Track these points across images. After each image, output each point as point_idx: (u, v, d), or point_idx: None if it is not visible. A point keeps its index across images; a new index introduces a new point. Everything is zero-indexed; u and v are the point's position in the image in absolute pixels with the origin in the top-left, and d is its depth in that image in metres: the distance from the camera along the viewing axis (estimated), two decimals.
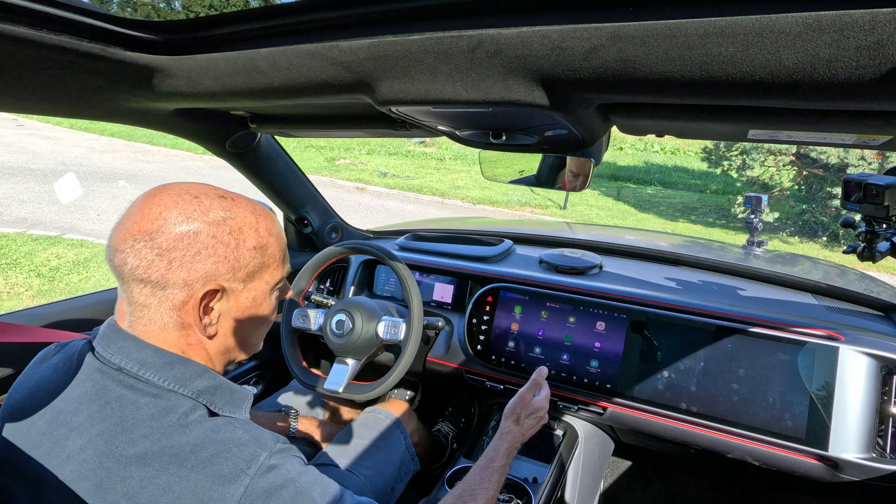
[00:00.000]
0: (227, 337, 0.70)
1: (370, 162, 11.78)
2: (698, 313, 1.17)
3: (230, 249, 0.64)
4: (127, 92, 0.82)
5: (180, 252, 0.61)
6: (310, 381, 1.28)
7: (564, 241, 1.76)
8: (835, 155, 7.43)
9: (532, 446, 1.30)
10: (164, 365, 0.64)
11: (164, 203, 0.63)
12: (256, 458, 0.60)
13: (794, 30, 0.39)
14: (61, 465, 0.59)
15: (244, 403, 0.70)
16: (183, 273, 0.62)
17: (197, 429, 0.61)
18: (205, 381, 0.66)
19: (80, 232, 5.49)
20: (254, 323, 0.72)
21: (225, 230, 0.64)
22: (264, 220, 0.70)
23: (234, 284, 0.66)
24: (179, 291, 0.62)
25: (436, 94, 0.62)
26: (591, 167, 1.02)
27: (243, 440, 0.62)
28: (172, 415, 0.61)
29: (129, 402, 0.61)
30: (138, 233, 0.61)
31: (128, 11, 23.22)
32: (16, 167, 8.23)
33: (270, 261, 0.70)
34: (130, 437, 0.58)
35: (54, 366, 0.69)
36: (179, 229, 0.61)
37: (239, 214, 0.66)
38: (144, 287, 0.62)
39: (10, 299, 3.97)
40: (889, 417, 1.02)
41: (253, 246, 0.67)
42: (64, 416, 0.62)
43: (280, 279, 0.73)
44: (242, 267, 0.66)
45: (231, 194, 0.69)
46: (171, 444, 0.58)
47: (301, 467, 0.65)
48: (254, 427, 0.65)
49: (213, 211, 0.64)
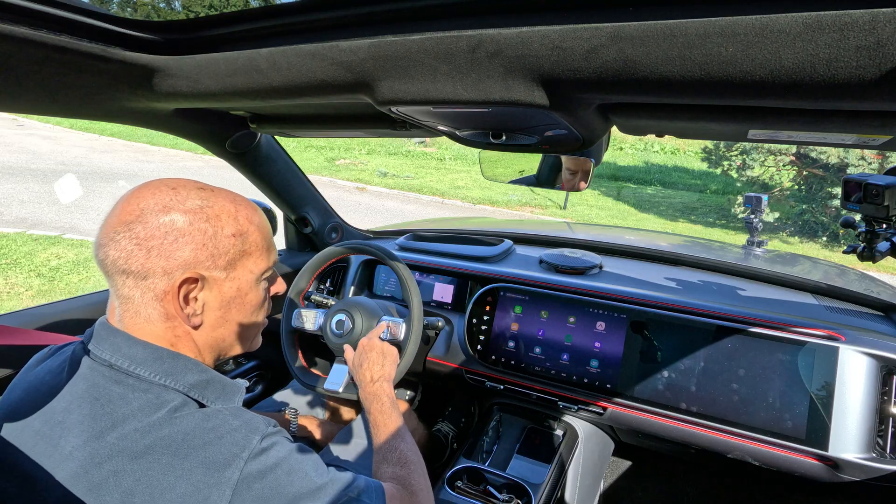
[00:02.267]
0: (214, 328, 0.69)
1: (370, 162, 11.78)
2: (698, 313, 1.17)
3: (208, 237, 0.64)
4: (127, 92, 0.82)
5: (158, 241, 0.62)
6: (310, 381, 1.28)
7: (564, 241, 1.76)
8: (835, 155, 7.43)
9: (532, 446, 1.30)
10: (155, 360, 0.64)
11: (142, 195, 0.64)
12: (249, 441, 0.61)
13: (794, 30, 0.39)
14: (56, 465, 0.59)
15: (236, 396, 0.70)
16: (162, 261, 0.62)
17: (188, 419, 0.61)
18: (196, 376, 0.66)
19: (80, 232, 5.49)
20: (241, 313, 0.72)
21: (202, 217, 0.64)
22: (244, 209, 0.70)
23: (214, 273, 0.66)
24: (160, 280, 0.63)
25: (436, 94, 0.62)
26: (591, 167, 1.02)
27: (234, 426, 0.62)
28: (162, 409, 0.61)
29: (119, 399, 0.61)
30: (118, 225, 0.62)
31: (128, 11, 23.23)
32: (16, 167, 8.23)
33: (252, 248, 0.70)
34: (122, 432, 0.58)
35: (48, 368, 0.69)
36: (157, 219, 0.62)
37: (217, 203, 0.67)
38: (127, 279, 0.63)
39: (10, 299, 3.97)
40: (889, 417, 1.02)
41: (232, 233, 0.67)
42: (58, 417, 0.62)
43: (266, 269, 0.73)
44: (222, 254, 0.66)
45: (211, 187, 0.69)
46: (162, 435, 0.59)
47: (291, 445, 0.65)
48: (244, 412, 0.65)
49: (189, 200, 0.65)
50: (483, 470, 1.18)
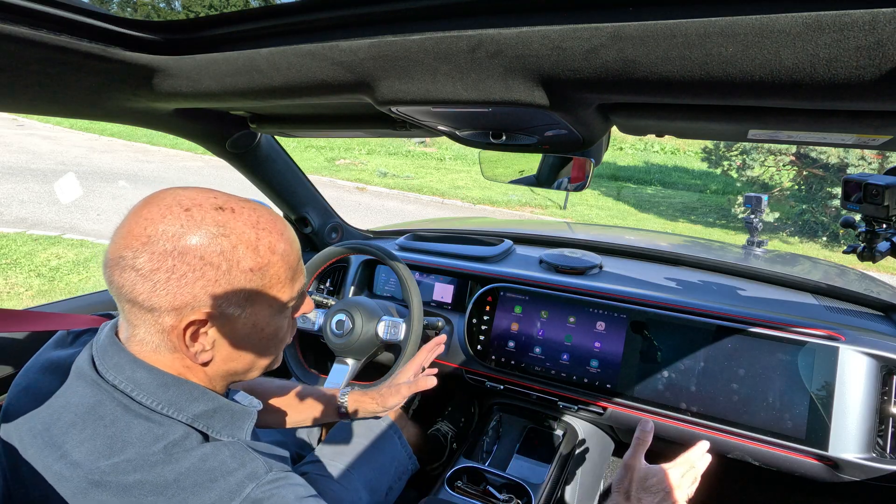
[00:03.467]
0: (226, 362, 0.64)
1: (370, 162, 11.78)
2: (698, 313, 1.17)
3: (221, 272, 0.57)
4: (127, 92, 0.82)
5: (164, 274, 0.55)
6: (310, 382, 1.28)
7: (564, 241, 1.77)
8: (835, 155, 7.43)
9: (532, 446, 1.30)
10: (159, 387, 0.60)
11: (151, 216, 0.56)
12: (242, 489, 0.56)
13: (794, 30, 0.39)
14: (49, 478, 0.57)
15: (245, 424, 0.66)
16: (168, 297, 0.56)
17: (185, 458, 0.57)
18: (202, 405, 0.62)
19: (80, 232, 5.48)
20: (258, 347, 0.65)
21: (215, 250, 0.57)
22: (267, 237, 0.61)
23: (229, 310, 0.59)
24: (167, 316, 0.57)
25: (436, 94, 0.62)
26: (591, 167, 1.02)
27: (230, 468, 0.57)
28: (161, 442, 0.57)
29: (122, 424, 0.57)
30: (124, 249, 0.56)
31: (128, 11, 23.23)
32: (16, 167, 8.23)
33: (273, 282, 0.62)
34: (115, 461, 0.55)
35: (65, 358, 0.67)
36: (163, 248, 0.55)
37: (235, 230, 0.58)
38: (133, 307, 0.58)
39: (10, 299, 3.97)
40: (889, 417, 1.02)
41: (249, 268, 0.59)
42: (59, 425, 0.59)
43: (288, 300, 0.66)
44: (237, 291, 0.59)
45: (231, 203, 0.60)
46: (155, 473, 0.55)
47: (294, 494, 0.59)
48: (247, 453, 0.60)
49: (203, 226, 0.57)
50: (483, 470, 1.18)
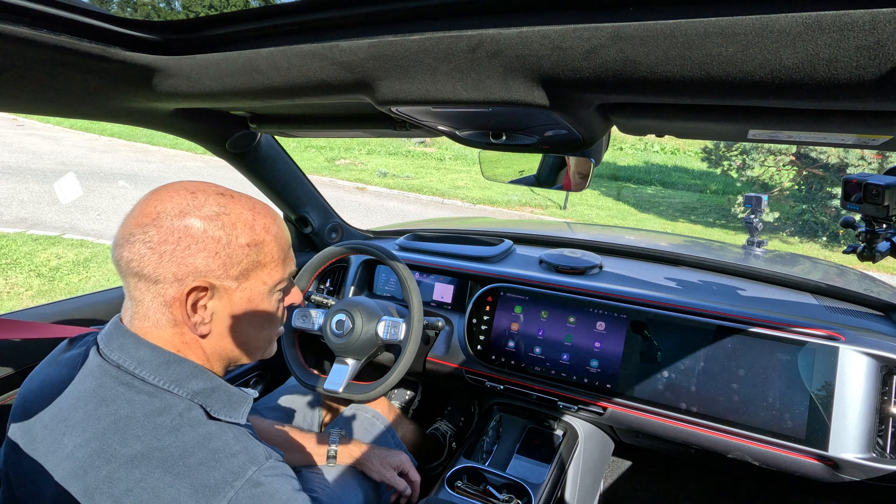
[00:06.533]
0: (222, 337, 0.69)
1: (370, 162, 11.78)
2: (698, 313, 1.17)
3: (221, 245, 0.64)
4: (127, 92, 0.82)
5: (171, 246, 0.61)
6: (310, 381, 1.28)
7: (564, 241, 1.77)
8: (835, 155, 7.43)
9: (532, 446, 1.30)
10: (161, 364, 0.64)
11: (160, 198, 0.64)
12: (244, 471, 0.59)
13: (794, 30, 0.39)
14: (57, 463, 0.59)
15: (242, 408, 0.69)
16: (173, 267, 0.62)
17: (190, 433, 0.60)
18: (200, 383, 0.65)
19: (80, 232, 5.48)
20: (252, 324, 0.70)
21: (217, 225, 0.64)
22: (262, 218, 0.69)
23: (226, 282, 0.65)
24: (170, 287, 0.62)
25: (436, 94, 0.62)
26: (591, 167, 1.02)
27: (234, 451, 0.60)
28: (166, 415, 0.60)
29: (124, 401, 0.60)
30: (135, 227, 0.62)
31: (128, 11, 23.20)
32: (16, 167, 8.22)
33: (267, 259, 0.69)
34: (123, 436, 0.58)
35: (66, 360, 0.69)
36: (172, 223, 0.62)
37: (234, 210, 0.66)
38: (139, 281, 0.63)
39: (10, 299, 3.97)
40: (889, 417, 1.02)
41: (246, 243, 0.66)
42: (64, 413, 0.62)
43: (280, 280, 0.72)
44: (235, 264, 0.65)
45: (232, 192, 0.68)
46: (161, 445, 0.58)
47: (290, 493, 0.62)
48: (248, 439, 0.64)
49: (207, 206, 0.64)
50: (483, 470, 1.18)
